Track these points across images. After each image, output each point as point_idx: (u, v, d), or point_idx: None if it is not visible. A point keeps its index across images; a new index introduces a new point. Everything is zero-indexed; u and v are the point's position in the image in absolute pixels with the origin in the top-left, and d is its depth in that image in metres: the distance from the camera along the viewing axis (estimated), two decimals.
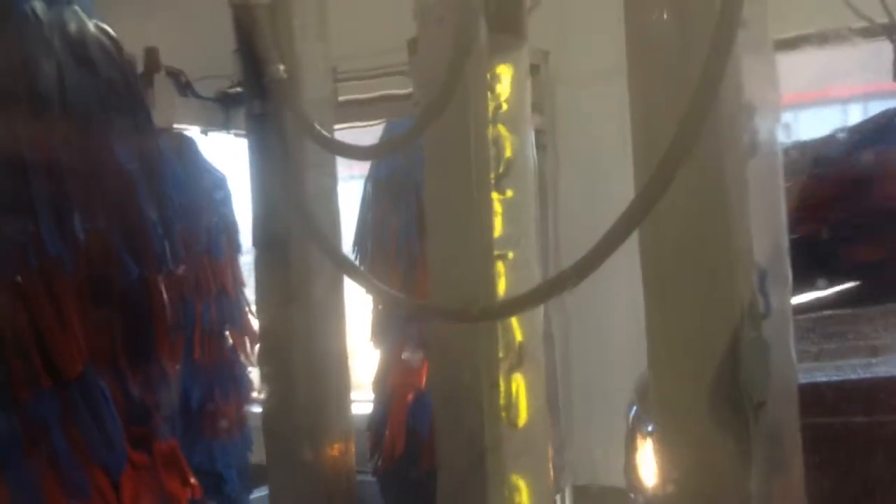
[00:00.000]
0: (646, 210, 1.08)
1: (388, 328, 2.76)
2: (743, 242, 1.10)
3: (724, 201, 1.10)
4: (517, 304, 1.37)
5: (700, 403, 1.07)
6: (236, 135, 3.05)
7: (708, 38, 1.07)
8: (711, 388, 1.06)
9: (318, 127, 1.58)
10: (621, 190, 1.21)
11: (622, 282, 1.45)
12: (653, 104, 1.15)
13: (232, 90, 3.00)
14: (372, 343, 2.86)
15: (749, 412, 1.04)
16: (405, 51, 2.42)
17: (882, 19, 3.23)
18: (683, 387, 1.09)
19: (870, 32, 3.33)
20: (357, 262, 2.73)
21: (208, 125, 3.05)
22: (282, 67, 1.62)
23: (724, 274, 1.09)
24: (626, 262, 1.17)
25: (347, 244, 2.78)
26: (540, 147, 2.64)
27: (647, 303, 1.15)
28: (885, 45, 3.37)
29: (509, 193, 1.52)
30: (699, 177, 1.08)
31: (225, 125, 3.13)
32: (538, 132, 3.16)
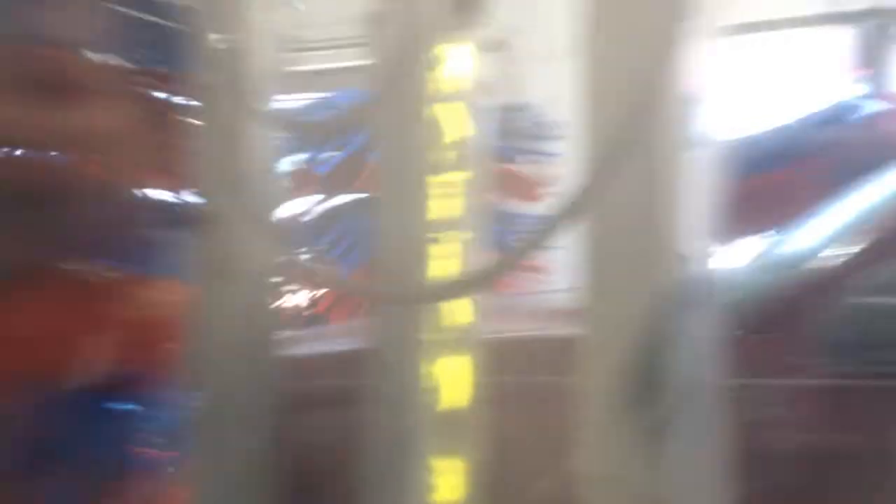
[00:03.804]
0: (588, 201, 1.17)
1: None
2: (676, 234, 1.19)
3: (657, 193, 1.19)
4: (458, 288, 1.46)
5: (616, 390, 1.16)
6: None
7: (655, 29, 1.16)
8: (628, 376, 1.16)
9: (261, 101, 1.64)
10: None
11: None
12: (600, 94, 1.24)
13: None
14: None
15: (662, 400, 1.14)
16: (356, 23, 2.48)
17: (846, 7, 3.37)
18: (603, 372, 1.18)
19: (834, 19, 3.48)
20: None
21: None
22: (225, 37, 1.67)
23: (648, 265, 1.18)
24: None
25: None
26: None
27: (581, 290, 1.24)
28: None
29: (459, 174, 1.60)
30: (636, 168, 1.17)
31: None
32: (503, 109, 3.20)
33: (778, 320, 1.61)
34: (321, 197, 3.52)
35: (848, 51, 3.53)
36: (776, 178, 2.91)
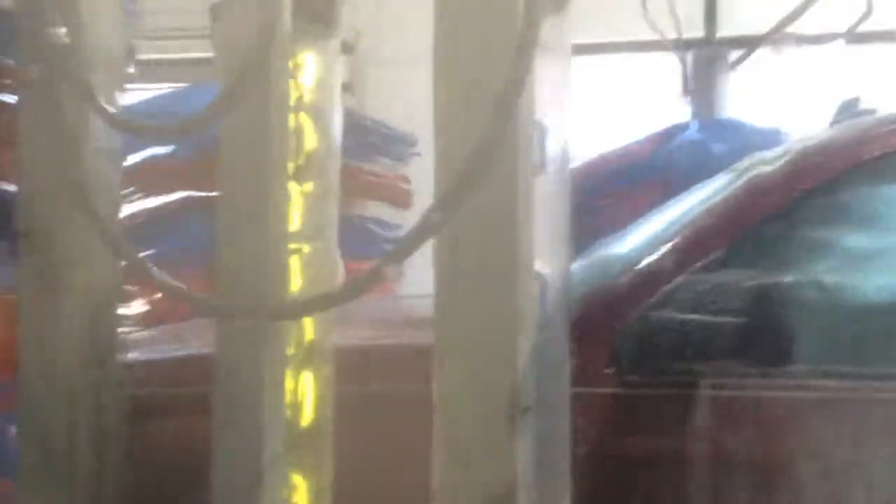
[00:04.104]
0: (441, 223, 1.21)
1: None
2: (526, 255, 1.25)
3: (511, 215, 1.24)
4: (316, 304, 1.45)
5: (477, 407, 1.21)
6: None
7: (509, 55, 1.21)
8: (487, 394, 1.21)
9: (104, 101, 1.56)
10: (428, 172, 1.32)
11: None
12: (453, 118, 1.28)
13: None
14: None
15: (517, 417, 1.20)
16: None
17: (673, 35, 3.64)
18: (463, 391, 1.22)
19: (661, 46, 3.75)
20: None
21: None
22: (64, 30, 1.58)
23: (506, 284, 1.23)
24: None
25: None
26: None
27: (435, 306, 1.28)
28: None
29: (309, 186, 1.59)
30: (489, 191, 1.22)
31: None
32: (351, 114, 3.19)
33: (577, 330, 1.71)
34: (157, 196, 3.40)
35: (680, 76, 3.79)
36: (613, 199, 3.10)
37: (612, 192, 3.18)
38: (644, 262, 1.82)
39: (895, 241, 1.85)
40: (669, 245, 1.83)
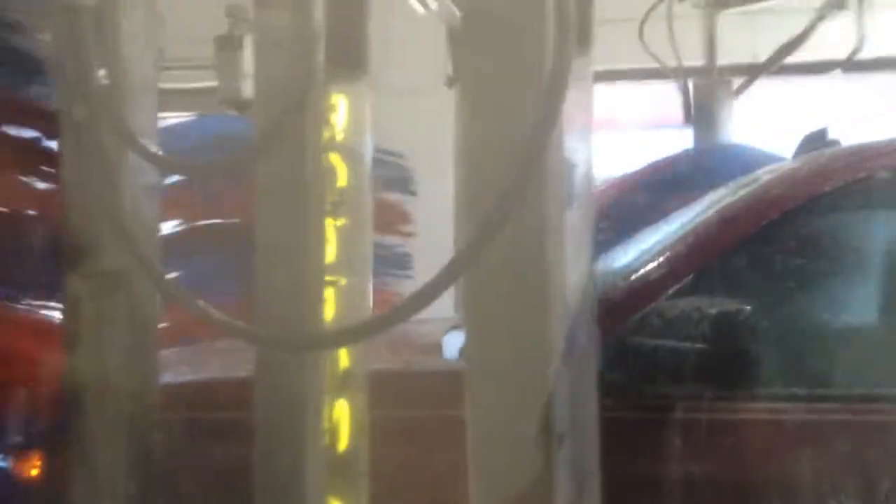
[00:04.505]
0: (472, 260, 1.26)
1: None
2: (557, 287, 1.30)
3: (541, 249, 1.29)
4: (350, 335, 1.51)
5: (512, 435, 1.26)
6: None
7: (536, 94, 1.27)
8: (523, 422, 1.26)
9: (143, 140, 1.63)
10: (432, 201, 1.37)
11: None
12: (479, 157, 1.33)
13: None
14: None
15: (554, 444, 1.25)
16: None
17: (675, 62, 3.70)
18: (498, 420, 1.27)
19: (661, 74, 3.82)
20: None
21: None
22: (104, 73, 1.65)
23: (538, 316, 1.29)
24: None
25: None
26: None
27: (467, 337, 1.33)
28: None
29: (343, 221, 1.66)
30: (520, 228, 1.27)
31: None
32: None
33: None
34: (180, 221, 3.44)
35: (684, 104, 3.86)
36: None
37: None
38: (618, 289, 1.85)
39: (857, 268, 1.91)
40: (642, 272, 1.87)
